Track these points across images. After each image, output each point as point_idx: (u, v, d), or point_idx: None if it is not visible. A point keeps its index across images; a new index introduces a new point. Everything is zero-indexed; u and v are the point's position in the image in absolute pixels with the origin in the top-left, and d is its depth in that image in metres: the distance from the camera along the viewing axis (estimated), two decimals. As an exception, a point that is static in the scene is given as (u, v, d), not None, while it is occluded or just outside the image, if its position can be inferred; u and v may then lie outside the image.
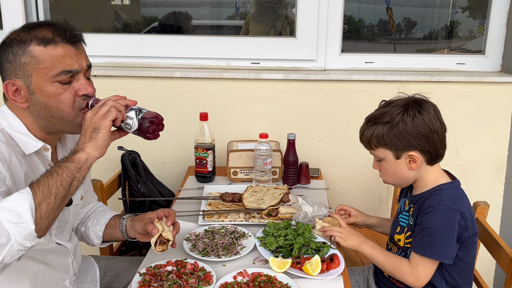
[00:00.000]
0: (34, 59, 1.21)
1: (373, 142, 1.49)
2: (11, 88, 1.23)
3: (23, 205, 1.06)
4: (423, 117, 1.44)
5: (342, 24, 2.45)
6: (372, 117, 1.51)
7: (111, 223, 1.60)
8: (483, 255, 1.78)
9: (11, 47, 1.21)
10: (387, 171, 1.53)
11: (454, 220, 1.41)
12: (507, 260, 1.48)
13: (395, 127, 1.43)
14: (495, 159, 2.48)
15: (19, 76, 1.22)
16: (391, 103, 1.50)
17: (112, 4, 3.01)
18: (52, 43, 1.22)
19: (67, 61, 1.23)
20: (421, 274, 1.44)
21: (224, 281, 1.38)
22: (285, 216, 1.77)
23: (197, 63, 2.46)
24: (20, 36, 1.21)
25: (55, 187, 1.13)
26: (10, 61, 1.21)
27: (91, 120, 1.22)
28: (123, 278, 1.68)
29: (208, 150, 2.11)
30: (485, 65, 2.49)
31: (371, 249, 1.54)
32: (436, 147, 1.46)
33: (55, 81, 1.23)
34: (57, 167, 1.17)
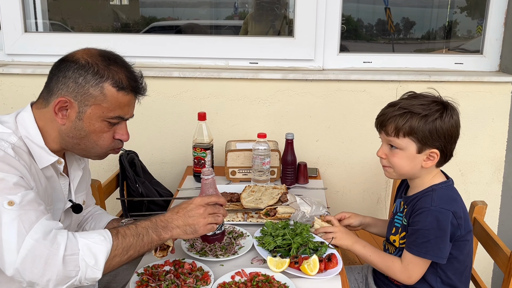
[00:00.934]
0: (102, 96, 1.25)
1: (403, 130, 1.43)
2: (62, 104, 1.25)
3: (103, 253, 1.15)
4: (456, 119, 1.46)
5: (341, 24, 2.45)
6: (406, 105, 1.45)
7: (109, 227, 1.60)
8: (481, 255, 1.78)
9: (85, 71, 1.24)
10: (400, 161, 1.48)
11: (447, 220, 1.41)
12: (504, 260, 1.48)
13: (432, 123, 1.41)
14: (493, 158, 2.49)
15: (78, 99, 1.25)
16: (425, 97, 1.48)
17: (111, 4, 3.01)
18: (124, 90, 1.28)
19: (126, 109, 1.32)
20: (412, 273, 1.47)
21: (222, 281, 1.38)
22: (283, 216, 1.77)
23: (195, 63, 2.46)
24: (99, 67, 1.25)
25: (133, 250, 1.22)
26: (78, 83, 1.24)
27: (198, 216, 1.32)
28: (121, 278, 1.68)
29: (206, 150, 2.11)
30: (483, 65, 2.49)
31: (363, 248, 1.56)
32: (452, 150, 1.48)
33: (105, 120, 1.29)
34: (143, 230, 1.26)
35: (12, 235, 1.09)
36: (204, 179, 1.42)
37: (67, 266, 1.11)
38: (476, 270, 1.76)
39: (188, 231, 1.30)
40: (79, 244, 1.14)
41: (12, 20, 2.42)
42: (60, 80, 1.26)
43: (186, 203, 1.36)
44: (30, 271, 1.08)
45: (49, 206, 1.33)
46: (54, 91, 1.26)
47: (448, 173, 1.81)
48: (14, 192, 1.12)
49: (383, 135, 1.51)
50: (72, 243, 1.13)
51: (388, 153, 1.51)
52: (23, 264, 1.08)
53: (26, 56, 2.46)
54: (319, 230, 1.63)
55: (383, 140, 1.53)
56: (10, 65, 2.44)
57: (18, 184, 1.15)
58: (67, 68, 1.25)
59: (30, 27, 2.53)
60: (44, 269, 1.09)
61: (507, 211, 2.55)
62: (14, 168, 1.16)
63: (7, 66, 2.41)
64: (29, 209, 1.13)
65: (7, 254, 1.08)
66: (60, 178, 1.38)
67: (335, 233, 1.59)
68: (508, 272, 1.45)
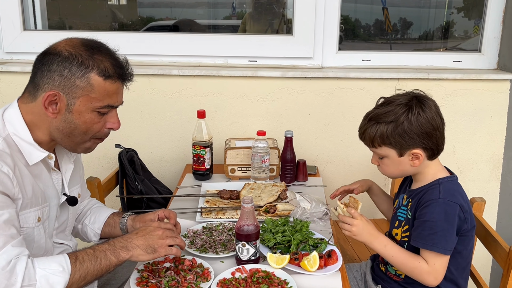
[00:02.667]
0: (89, 86, 1.24)
1: (376, 141, 1.47)
2: (51, 98, 1.24)
3: (60, 284, 1.17)
4: (427, 115, 1.44)
5: (339, 22, 2.46)
6: (374, 115, 1.48)
7: (110, 222, 1.61)
8: (480, 251, 1.79)
9: (69, 63, 1.22)
10: (389, 167, 1.53)
11: (454, 213, 1.41)
12: (503, 255, 1.49)
13: (400, 126, 1.42)
14: (492, 156, 2.50)
15: (66, 92, 1.24)
16: (392, 101, 1.48)
17: (109, 4, 3.01)
18: (111, 78, 1.26)
19: (115, 97, 1.31)
20: (439, 273, 1.43)
21: (222, 277, 1.38)
22: (283, 213, 1.77)
23: (194, 61, 2.46)
24: (83, 57, 1.23)
25: (91, 275, 1.23)
26: (64, 76, 1.22)
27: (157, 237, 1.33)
28: (121, 275, 1.68)
29: (206, 147, 2.12)
30: (481, 63, 2.50)
31: (384, 248, 1.48)
32: (438, 143, 1.48)
33: (95, 110, 1.28)
34: (101, 253, 1.26)
35: None
36: (244, 207, 1.45)
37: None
38: (475, 266, 1.77)
39: (149, 250, 1.32)
40: (36, 275, 1.15)
41: (11, 18, 2.41)
42: (45, 74, 1.24)
43: (144, 225, 1.40)
44: None
45: (43, 205, 1.32)
46: (41, 86, 1.25)
47: (447, 170, 1.83)
48: None
49: (368, 147, 1.55)
50: (30, 273, 1.14)
51: (378, 161, 1.55)
52: None
53: (25, 54, 2.45)
54: (340, 217, 1.54)
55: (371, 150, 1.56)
56: (9, 63, 2.44)
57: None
58: (50, 62, 1.23)
59: (29, 25, 2.53)
60: None
61: (505, 208, 2.56)
62: None
63: (5, 64, 2.41)
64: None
65: None
66: (52, 173, 1.37)
67: (352, 226, 1.48)
68: (507, 268, 1.46)
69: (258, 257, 1.48)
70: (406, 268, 1.47)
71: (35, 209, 1.29)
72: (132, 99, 2.42)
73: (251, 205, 1.45)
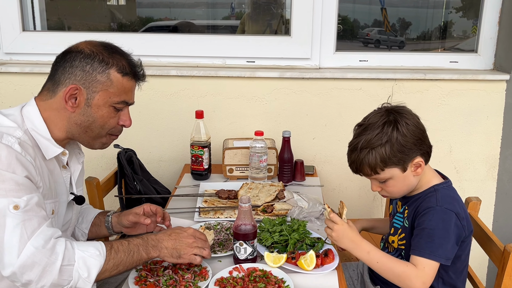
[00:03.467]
0: (109, 81, 1.33)
1: (379, 166, 1.42)
2: (73, 92, 1.31)
3: (96, 267, 1.23)
4: (412, 121, 1.44)
5: (337, 23, 2.47)
6: (365, 143, 1.43)
7: (95, 221, 1.65)
8: (476, 251, 1.80)
9: (91, 59, 1.31)
10: (395, 187, 1.48)
11: (451, 221, 1.40)
12: (498, 254, 1.50)
13: (396, 143, 1.40)
14: (488, 156, 2.51)
15: (86, 87, 1.32)
16: (373, 124, 1.44)
17: (108, 5, 3.02)
18: (128, 75, 1.36)
19: (130, 94, 1.40)
20: (428, 277, 1.39)
21: (219, 276, 1.39)
22: (280, 213, 1.79)
23: (193, 61, 2.48)
24: (103, 55, 1.32)
25: (123, 265, 1.29)
26: (86, 71, 1.31)
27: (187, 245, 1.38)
28: (120, 274, 1.68)
29: (204, 147, 2.13)
30: (478, 63, 2.51)
31: (367, 254, 1.44)
32: (428, 143, 1.48)
33: (112, 105, 1.36)
34: (134, 247, 1.32)
35: (14, 239, 1.15)
36: (242, 207, 1.46)
37: (62, 275, 1.18)
38: (472, 266, 1.78)
39: (174, 255, 1.37)
40: (75, 255, 1.21)
41: (10, 19, 2.42)
42: (67, 70, 1.32)
43: (181, 229, 1.43)
44: (27, 275, 1.15)
45: (55, 199, 1.37)
46: (62, 81, 1.32)
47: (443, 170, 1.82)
48: (20, 195, 1.17)
49: (367, 177, 1.50)
50: (70, 253, 1.20)
51: (381, 186, 1.50)
52: (21, 268, 1.15)
53: (24, 55, 2.47)
54: (325, 221, 1.52)
55: (369, 179, 1.52)
56: (8, 64, 2.45)
57: (24, 185, 1.19)
58: (73, 58, 1.32)
59: (28, 26, 2.54)
60: (41, 276, 1.16)
61: (502, 208, 2.57)
62: (21, 165, 1.20)
63: (5, 65, 2.42)
64: (33, 215, 1.19)
65: (7, 256, 1.14)
66: (62, 170, 1.42)
67: (333, 231, 1.46)
68: (502, 267, 1.47)
69: (255, 256, 1.49)
70: (392, 273, 1.42)
71: (50, 201, 1.34)
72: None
73: (248, 205, 1.47)
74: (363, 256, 1.44)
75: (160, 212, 1.59)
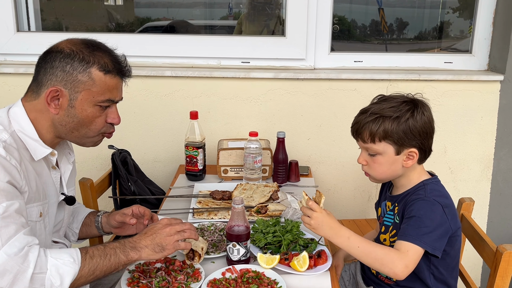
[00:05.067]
0: (90, 80, 1.30)
1: (378, 135, 1.44)
2: (54, 94, 1.29)
3: (69, 275, 1.20)
4: (429, 116, 1.47)
5: (334, 23, 2.47)
6: (377, 110, 1.46)
7: (86, 221, 1.65)
8: (470, 252, 1.81)
9: (71, 59, 1.28)
10: (380, 166, 1.49)
11: (438, 212, 1.42)
12: (491, 255, 1.51)
13: (405, 123, 1.43)
14: (482, 156, 2.52)
15: (68, 87, 1.29)
16: (393, 98, 1.48)
17: (105, 5, 3.01)
18: (111, 73, 1.32)
19: (115, 92, 1.36)
20: (411, 261, 1.36)
21: (212, 278, 1.39)
22: (274, 214, 1.79)
23: (187, 62, 2.47)
24: (84, 54, 1.29)
25: (99, 270, 1.27)
26: (66, 71, 1.28)
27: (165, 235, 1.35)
28: (113, 275, 1.66)
29: (199, 148, 2.13)
30: (472, 64, 2.52)
31: (347, 240, 1.40)
32: (430, 146, 1.50)
33: (97, 104, 1.33)
34: (111, 250, 1.29)
35: None
36: (234, 208, 1.46)
37: (34, 283, 1.16)
38: (465, 267, 1.79)
39: (157, 249, 1.34)
40: (48, 263, 1.18)
41: (4, 20, 2.42)
42: (48, 71, 1.29)
43: (153, 224, 1.42)
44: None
45: (43, 201, 1.35)
46: (44, 82, 1.30)
47: (438, 170, 1.83)
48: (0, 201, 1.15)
49: (360, 143, 1.52)
50: (42, 261, 1.18)
51: (368, 159, 1.51)
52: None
53: (19, 55, 2.46)
54: (302, 209, 1.49)
55: (361, 147, 1.53)
56: (3, 65, 2.44)
57: (5, 191, 1.17)
58: (53, 59, 1.29)
59: (23, 27, 2.54)
60: (12, 284, 1.14)
61: (496, 208, 2.58)
62: (4, 170, 1.18)
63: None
64: (10, 222, 1.16)
65: None
66: (51, 171, 1.41)
67: (311, 219, 1.42)
68: (494, 267, 1.47)
69: (248, 257, 1.49)
70: (374, 257, 1.38)
71: (37, 204, 1.32)
72: (125, 100, 2.38)
73: (241, 206, 1.47)
74: (344, 242, 1.41)
75: (147, 214, 1.57)
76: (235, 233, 1.45)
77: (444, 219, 1.43)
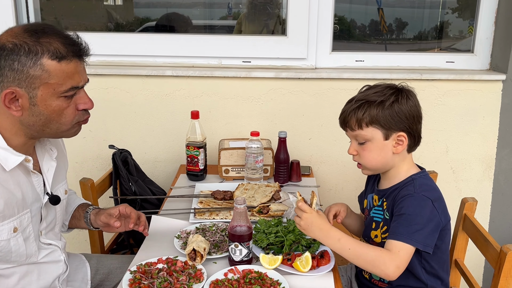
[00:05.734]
0: (45, 73, 1.16)
1: (364, 120, 1.45)
2: (10, 96, 1.17)
3: None
4: (414, 100, 1.48)
5: (333, 23, 2.46)
6: (362, 97, 1.48)
7: (75, 214, 1.61)
8: (472, 251, 1.80)
9: (17, 55, 1.14)
10: (370, 153, 1.48)
11: (428, 208, 1.41)
12: (495, 255, 1.50)
13: (390, 107, 1.43)
14: (484, 156, 2.51)
15: (23, 86, 1.17)
16: (378, 86, 1.50)
17: (105, 5, 3.01)
18: (65, 59, 1.18)
19: (76, 77, 1.23)
20: (402, 261, 1.36)
21: (214, 278, 1.38)
22: (276, 214, 1.78)
23: (188, 61, 2.46)
24: (29, 45, 1.15)
25: None
26: (14, 69, 1.15)
27: None
28: (114, 276, 1.67)
29: (200, 148, 2.12)
30: (474, 63, 2.51)
31: (338, 242, 1.39)
32: (419, 131, 1.50)
33: (61, 96, 1.21)
34: None
35: None
36: (237, 208, 1.45)
37: None
38: (468, 266, 1.78)
39: None
40: None
41: (4, 19, 2.40)
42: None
43: None
44: None
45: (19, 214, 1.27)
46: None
47: (440, 170, 1.83)
48: None
49: (349, 132, 1.52)
50: None
51: (358, 149, 1.51)
52: None
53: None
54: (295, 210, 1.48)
55: (351, 137, 1.54)
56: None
57: None
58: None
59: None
60: None
61: (498, 208, 2.57)
62: None
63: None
64: None
65: None
66: (32, 176, 1.32)
67: (301, 220, 1.42)
68: (498, 268, 1.46)
69: (250, 257, 1.48)
70: (365, 259, 1.37)
71: (8, 221, 1.24)
72: (125, 100, 2.42)
73: (243, 206, 1.46)
74: (334, 244, 1.40)
75: (133, 217, 1.50)
76: (237, 234, 1.44)
77: (435, 214, 1.42)
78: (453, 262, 1.80)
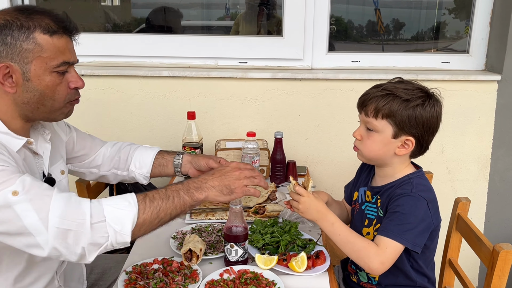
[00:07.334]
0: (38, 46, 1.20)
1: (381, 112, 1.41)
2: (4, 71, 1.19)
3: (128, 217, 1.16)
4: (438, 111, 1.45)
5: (330, 24, 2.47)
6: (391, 87, 1.43)
7: (160, 162, 1.64)
8: (467, 252, 1.81)
9: (10, 29, 1.17)
10: (373, 144, 1.46)
11: (422, 208, 1.41)
12: (488, 254, 1.51)
13: (412, 109, 1.40)
14: (480, 156, 2.52)
15: (16, 61, 1.19)
16: (411, 83, 1.46)
17: (102, 5, 3.01)
18: (57, 33, 1.22)
19: (67, 53, 1.26)
20: (388, 258, 1.37)
21: (210, 279, 1.39)
22: (272, 214, 1.79)
23: (185, 62, 2.47)
24: (21, 20, 1.18)
25: (164, 213, 1.22)
26: (7, 44, 1.18)
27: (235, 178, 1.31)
28: (109, 276, 1.68)
29: (196, 149, 2.12)
30: (470, 64, 2.52)
31: (331, 226, 1.42)
32: (429, 143, 1.48)
33: (53, 71, 1.24)
34: (173, 192, 1.25)
35: (34, 220, 1.09)
36: (232, 209, 1.46)
37: (96, 233, 1.13)
38: (463, 267, 1.79)
39: (225, 191, 1.30)
40: (104, 211, 1.14)
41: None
42: None
43: (222, 166, 1.38)
44: (65, 245, 1.11)
45: None
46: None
47: (435, 170, 1.84)
48: (11, 182, 1.10)
49: (363, 116, 1.48)
50: (97, 210, 1.14)
51: (364, 135, 1.49)
52: (56, 240, 1.10)
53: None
54: (290, 194, 1.51)
55: (362, 121, 1.51)
56: None
57: (9, 171, 1.12)
58: None
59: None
60: (76, 239, 1.11)
61: (493, 208, 2.59)
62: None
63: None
64: (36, 192, 1.11)
65: (39, 237, 1.10)
66: (34, 157, 1.34)
67: (299, 203, 1.45)
68: (491, 267, 1.48)
69: (246, 258, 1.49)
70: (352, 248, 1.40)
71: None
72: (122, 100, 2.43)
73: (239, 207, 1.46)
74: (328, 227, 1.43)
75: None
76: (233, 234, 1.45)
77: (427, 214, 1.42)
78: (447, 261, 1.81)
